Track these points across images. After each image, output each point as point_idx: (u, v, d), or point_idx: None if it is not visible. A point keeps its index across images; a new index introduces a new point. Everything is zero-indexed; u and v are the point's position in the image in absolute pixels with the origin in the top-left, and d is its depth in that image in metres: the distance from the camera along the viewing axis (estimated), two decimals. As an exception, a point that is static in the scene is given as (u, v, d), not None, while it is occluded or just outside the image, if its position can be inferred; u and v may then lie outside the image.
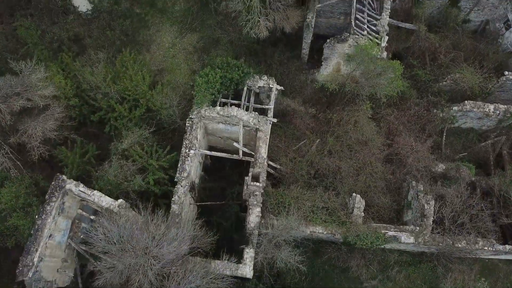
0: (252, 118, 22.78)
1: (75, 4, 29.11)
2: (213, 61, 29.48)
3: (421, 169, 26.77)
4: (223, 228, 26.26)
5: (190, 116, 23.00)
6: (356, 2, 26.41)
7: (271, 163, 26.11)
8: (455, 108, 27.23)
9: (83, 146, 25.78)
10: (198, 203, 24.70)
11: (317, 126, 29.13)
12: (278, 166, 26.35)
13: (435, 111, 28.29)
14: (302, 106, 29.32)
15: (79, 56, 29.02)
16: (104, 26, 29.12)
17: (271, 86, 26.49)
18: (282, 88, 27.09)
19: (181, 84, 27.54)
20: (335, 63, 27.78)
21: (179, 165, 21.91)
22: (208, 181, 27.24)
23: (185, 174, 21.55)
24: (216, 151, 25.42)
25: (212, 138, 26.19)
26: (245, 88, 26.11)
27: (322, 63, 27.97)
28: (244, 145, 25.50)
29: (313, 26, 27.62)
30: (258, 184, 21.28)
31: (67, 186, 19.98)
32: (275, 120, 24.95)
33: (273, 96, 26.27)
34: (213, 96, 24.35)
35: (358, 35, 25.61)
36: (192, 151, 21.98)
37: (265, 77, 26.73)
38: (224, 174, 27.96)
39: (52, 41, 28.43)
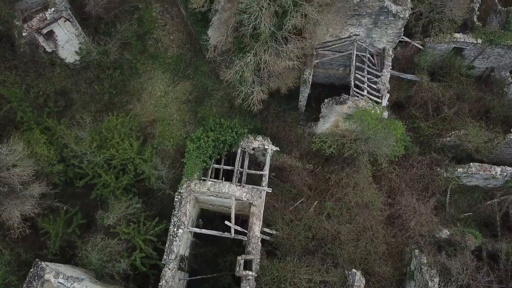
0: (245, 194, 21.53)
1: (62, 56, 27.83)
2: (207, 114, 28.32)
3: (424, 234, 25.48)
4: (215, 297, 25.04)
5: (179, 191, 21.70)
6: (355, 60, 25.10)
7: (266, 229, 24.82)
8: (460, 170, 25.95)
9: (68, 211, 24.59)
10: (188, 278, 23.37)
11: (315, 183, 27.85)
12: (274, 232, 25.05)
13: (438, 169, 26.99)
14: (299, 162, 28.09)
15: (66, 109, 27.88)
16: (92, 79, 27.87)
17: (266, 147, 25.25)
18: (277, 148, 25.85)
19: (172, 144, 26.13)
20: (333, 120, 26.49)
21: (166, 245, 20.62)
22: (200, 246, 25.90)
23: (173, 256, 20.26)
24: (208, 219, 24.16)
25: (204, 204, 24.91)
26: (239, 150, 24.88)
27: (320, 119, 26.67)
28: (238, 211, 24.25)
29: (310, 82, 26.39)
30: (250, 272, 19.94)
31: (46, 276, 18.67)
32: (269, 190, 23.65)
33: (268, 158, 25.03)
34: (205, 163, 23.09)
35: (357, 97, 24.31)
36: (180, 230, 20.67)
37: (260, 138, 25.51)
38: (217, 238, 26.60)
39: (37, 95, 27.20)
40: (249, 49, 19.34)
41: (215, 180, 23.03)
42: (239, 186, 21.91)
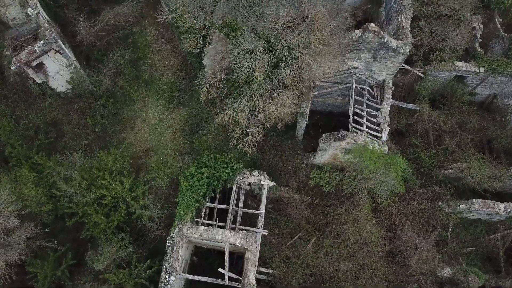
0: (239, 239, 20.78)
1: (53, 86, 27.04)
2: (202, 144, 27.48)
3: (426, 272, 24.71)
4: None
5: (171, 235, 20.93)
6: (354, 92, 24.32)
7: (262, 269, 24.05)
8: (462, 206, 25.17)
9: (58, 249, 23.86)
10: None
11: (313, 216, 27.07)
12: (271, 271, 24.27)
13: (440, 204, 26.19)
14: (297, 194, 27.31)
15: (57, 140, 27.10)
16: (84, 109, 27.08)
17: (262, 182, 24.52)
18: (274, 184, 25.09)
19: (165, 182, 25.23)
20: (331, 153, 25.73)
21: (158, 294, 19.85)
22: (194, 284, 25.10)
23: (165, 306, 19.52)
24: (202, 255, 23.36)
25: (197, 243, 24.13)
26: (234, 187, 24.14)
27: (318, 152, 25.90)
28: (233, 250, 23.48)
29: (308, 114, 25.59)
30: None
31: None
32: (265, 232, 22.89)
33: (264, 195, 24.27)
34: (198, 204, 22.34)
35: (356, 133, 23.52)
36: (172, 278, 19.91)
37: (256, 173, 24.78)
38: (212, 273, 25.82)
39: (27, 127, 26.44)
40: (243, 91, 18.56)
41: (209, 221, 22.28)
42: (233, 231, 21.08)
